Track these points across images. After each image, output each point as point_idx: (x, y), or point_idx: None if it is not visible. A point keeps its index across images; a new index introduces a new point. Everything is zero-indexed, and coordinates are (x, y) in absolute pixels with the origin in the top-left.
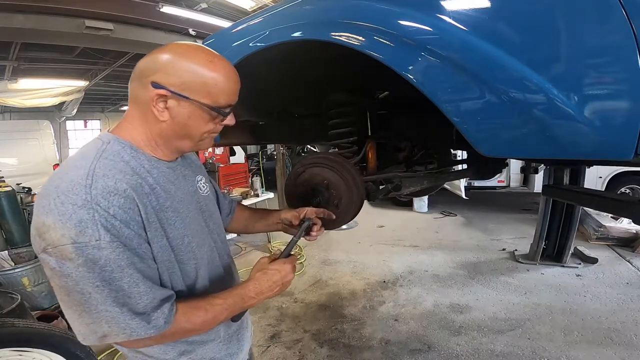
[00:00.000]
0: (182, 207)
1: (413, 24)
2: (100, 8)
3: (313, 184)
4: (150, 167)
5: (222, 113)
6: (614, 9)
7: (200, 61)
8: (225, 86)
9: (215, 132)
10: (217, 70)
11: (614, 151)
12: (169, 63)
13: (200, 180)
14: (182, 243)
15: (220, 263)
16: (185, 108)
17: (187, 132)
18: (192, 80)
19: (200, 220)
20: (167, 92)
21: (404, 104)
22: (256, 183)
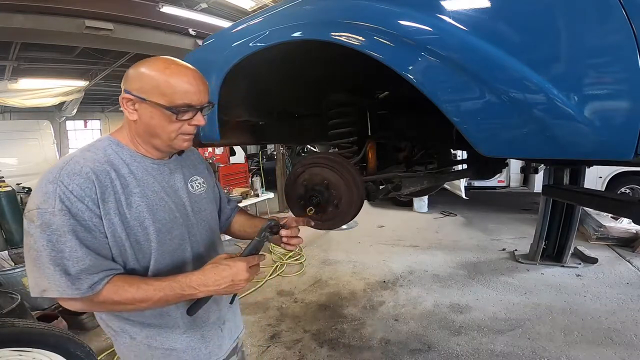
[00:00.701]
0: (154, 196)
1: (413, 24)
2: (100, 8)
3: (313, 184)
4: (130, 161)
5: (173, 111)
6: (614, 9)
7: (157, 68)
8: (179, 87)
9: (187, 133)
10: (171, 74)
11: (614, 151)
12: (135, 72)
13: (195, 180)
14: (140, 225)
15: (192, 256)
16: (146, 109)
17: (153, 131)
18: (148, 84)
19: (176, 212)
20: (130, 95)
21: (404, 104)
22: (256, 183)
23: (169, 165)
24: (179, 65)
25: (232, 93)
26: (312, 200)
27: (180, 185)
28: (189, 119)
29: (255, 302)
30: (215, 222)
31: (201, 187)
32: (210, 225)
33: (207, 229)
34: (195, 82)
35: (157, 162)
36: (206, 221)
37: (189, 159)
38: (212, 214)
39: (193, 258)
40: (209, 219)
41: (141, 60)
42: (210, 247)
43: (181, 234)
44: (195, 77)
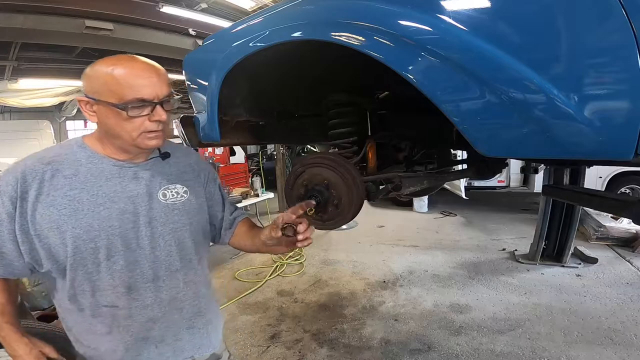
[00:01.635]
0: (90, 201)
1: (413, 24)
2: (100, 8)
3: (313, 184)
4: (85, 161)
5: (121, 108)
6: (614, 9)
7: (105, 64)
8: (127, 82)
9: (149, 129)
10: (117, 69)
11: (614, 151)
12: (88, 72)
13: (172, 189)
14: (57, 229)
15: (139, 269)
16: (101, 110)
17: (113, 131)
18: (98, 83)
19: (114, 221)
20: (84, 97)
21: (404, 104)
22: (256, 183)
23: (137, 169)
24: (128, 59)
25: (232, 93)
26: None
27: (141, 192)
28: (147, 115)
29: (255, 302)
30: (193, 236)
31: (178, 196)
32: (181, 239)
33: (176, 243)
34: (146, 74)
35: (121, 165)
36: (174, 235)
37: (177, 165)
38: (191, 227)
39: (142, 273)
40: (181, 232)
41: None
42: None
43: (112, 244)
44: (145, 68)
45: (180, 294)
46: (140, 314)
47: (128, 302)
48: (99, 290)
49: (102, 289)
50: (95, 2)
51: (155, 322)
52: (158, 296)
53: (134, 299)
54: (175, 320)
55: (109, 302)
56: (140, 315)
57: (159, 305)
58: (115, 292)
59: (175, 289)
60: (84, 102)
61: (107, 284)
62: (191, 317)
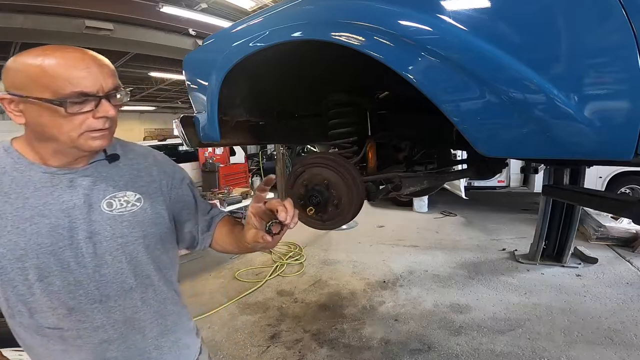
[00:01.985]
0: (13, 215)
1: (413, 24)
2: (100, 8)
3: (313, 184)
4: (10, 168)
5: (56, 103)
6: (614, 9)
7: (30, 57)
8: (63, 74)
9: (92, 128)
10: (47, 60)
11: (614, 151)
12: (10, 65)
13: (121, 197)
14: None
15: (83, 289)
16: (30, 108)
17: (47, 133)
18: (25, 77)
19: (45, 238)
20: (6, 94)
21: (404, 104)
22: (256, 183)
23: (74, 175)
24: (58, 48)
25: (232, 93)
26: (312, 200)
27: (78, 203)
28: (90, 111)
29: (255, 302)
30: (149, 250)
31: (128, 205)
32: (133, 254)
33: (127, 260)
34: (86, 64)
35: (53, 172)
36: (124, 250)
37: (129, 169)
38: (145, 240)
39: (84, 292)
40: (133, 247)
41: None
42: (132, 280)
43: (43, 264)
44: (81, 58)
45: (138, 314)
46: (91, 335)
47: (73, 323)
48: (36, 312)
49: (40, 310)
50: (95, 2)
51: (110, 344)
52: (110, 317)
53: (80, 321)
54: (137, 341)
55: (51, 324)
56: (91, 337)
57: (112, 326)
58: (55, 313)
59: (132, 309)
60: (6, 101)
61: (44, 305)
62: (157, 337)
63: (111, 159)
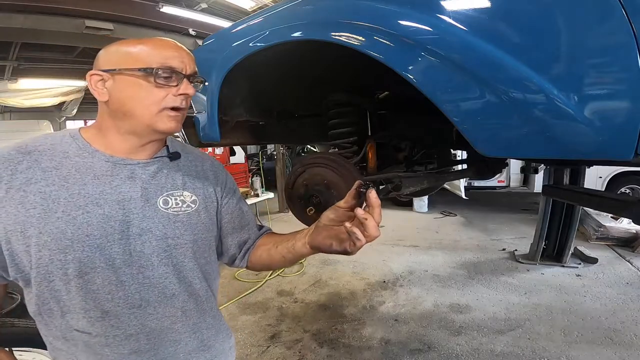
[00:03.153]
0: (66, 202)
1: (413, 24)
2: (100, 8)
3: (313, 183)
4: (73, 154)
5: (149, 71)
6: (614, 9)
7: (128, 41)
8: (157, 50)
9: (172, 104)
10: (147, 41)
11: (614, 151)
12: (105, 51)
13: (178, 196)
14: (22, 233)
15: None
16: (118, 82)
17: (128, 107)
18: (117, 55)
19: (95, 229)
20: (99, 71)
21: (404, 104)
22: (256, 183)
23: (135, 167)
24: (154, 38)
25: (232, 93)
26: (312, 200)
27: (135, 196)
28: (173, 87)
29: (255, 302)
30: (196, 256)
31: (183, 206)
32: (180, 258)
33: (173, 263)
34: (176, 47)
35: (116, 161)
36: (173, 252)
37: (187, 169)
38: (194, 245)
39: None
40: (182, 250)
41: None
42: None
43: (87, 258)
44: (175, 45)
45: (176, 325)
46: (121, 344)
47: (104, 329)
48: (69, 312)
49: (72, 310)
50: (95, 2)
51: (139, 355)
52: (146, 325)
53: (112, 326)
54: (169, 355)
55: (81, 327)
56: (121, 346)
57: (146, 336)
58: (87, 316)
59: (171, 319)
60: (96, 78)
61: (78, 306)
62: (191, 352)
63: (173, 157)
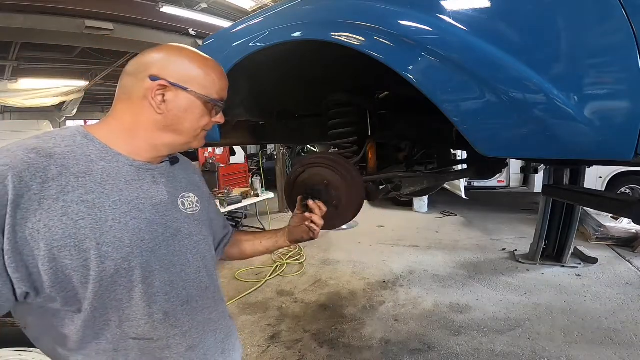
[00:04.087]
0: (114, 209)
1: (413, 24)
2: (100, 8)
3: (313, 184)
4: (97, 157)
5: (219, 105)
6: (614, 9)
7: (195, 57)
8: (218, 82)
9: (207, 129)
10: (210, 66)
11: (614, 151)
12: (166, 58)
13: (187, 197)
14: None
15: (175, 290)
16: (183, 100)
17: (181, 125)
18: (189, 74)
19: (146, 234)
20: (167, 82)
21: (404, 104)
22: (256, 183)
23: (154, 172)
24: (212, 59)
25: (232, 93)
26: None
27: (164, 199)
28: (216, 114)
29: (255, 302)
30: (211, 249)
31: (193, 206)
32: (204, 253)
33: (201, 258)
34: (224, 77)
35: (138, 165)
36: (199, 248)
37: (183, 173)
38: (208, 240)
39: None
40: (203, 245)
41: (163, 46)
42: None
43: (147, 263)
44: (224, 74)
45: (213, 314)
46: (180, 343)
47: (166, 330)
48: (128, 321)
49: (133, 318)
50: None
51: (194, 350)
52: (195, 319)
53: (172, 326)
54: (211, 345)
55: (140, 333)
56: (180, 345)
57: (196, 329)
58: (151, 320)
59: (209, 309)
60: (160, 87)
61: (141, 312)
62: (224, 339)
63: (173, 161)
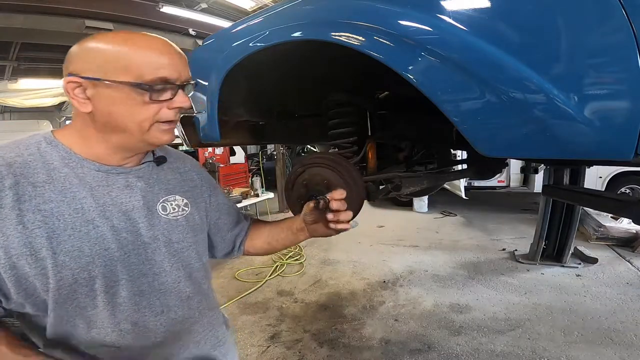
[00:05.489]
0: (73, 217)
1: (413, 24)
2: (100, 8)
3: (313, 183)
4: (59, 164)
5: (144, 88)
6: (614, 9)
7: (114, 40)
8: (149, 59)
9: (166, 119)
10: (134, 44)
11: (614, 151)
12: (82, 49)
13: (172, 200)
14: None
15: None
16: (104, 93)
17: (118, 122)
18: (100, 60)
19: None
20: (78, 78)
21: (404, 104)
22: (256, 183)
23: (128, 175)
24: (144, 36)
25: (232, 93)
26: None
27: (137, 205)
28: (167, 100)
29: (255, 302)
30: (199, 256)
31: (179, 210)
32: (187, 261)
33: (183, 266)
34: (169, 51)
35: (107, 170)
36: (180, 256)
37: (173, 172)
38: (196, 246)
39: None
40: (187, 252)
41: (87, 37)
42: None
43: (111, 272)
44: (167, 45)
45: (196, 325)
46: (151, 353)
47: (135, 340)
48: (95, 327)
49: (100, 326)
50: (95, 2)
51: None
52: (170, 331)
53: (143, 337)
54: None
55: (108, 341)
56: (151, 356)
57: (172, 341)
58: (117, 329)
59: (190, 320)
60: (73, 85)
61: (107, 321)
62: (210, 350)
63: (159, 161)
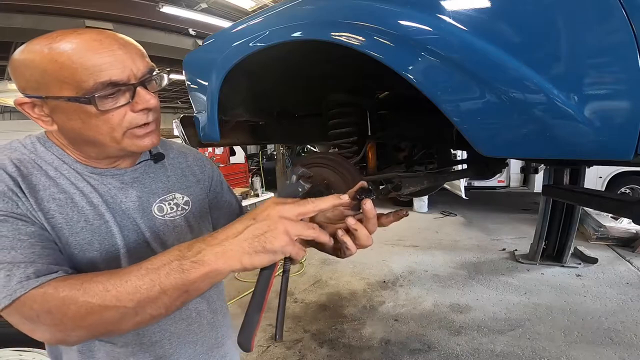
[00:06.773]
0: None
1: (413, 24)
2: (100, 8)
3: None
4: (58, 166)
5: (84, 101)
6: (614, 8)
7: (39, 46)
8: (82, 62)
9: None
10: (60, 49)
11: (614, 151)
12: (20, 66)
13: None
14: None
15: None
16: (58, 109)
17: (84, 136)
18: (37, 74)
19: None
20: (23, 98)
21: (404, 104)
22: (256, 183)
23: (123, 177)
24: (75, 32)
25: (232, 93)
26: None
27: (132, 206)
28: (127, 104)
29: None
30: None
31: (178, 209)
32: None
33: None
34: (109, 47)
35: (101, 172)
36: None
37: (173, 168)
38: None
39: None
40: None
41: (27, 43)
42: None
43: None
44: (104, 40)
45: (192, 326)
46: (147, 351)
47: (132, 338)
48: None
49: None
50: (95, 2)
51: (195, 344)
52: (167, 330)
53: (139, 335)
54: (189, 356)
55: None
56: (147, 354)
57: (168, 340)
58: None
59: (186, 321)
60: (27, 106)
61: None
62: (207, 351)
63: (156, 158)
